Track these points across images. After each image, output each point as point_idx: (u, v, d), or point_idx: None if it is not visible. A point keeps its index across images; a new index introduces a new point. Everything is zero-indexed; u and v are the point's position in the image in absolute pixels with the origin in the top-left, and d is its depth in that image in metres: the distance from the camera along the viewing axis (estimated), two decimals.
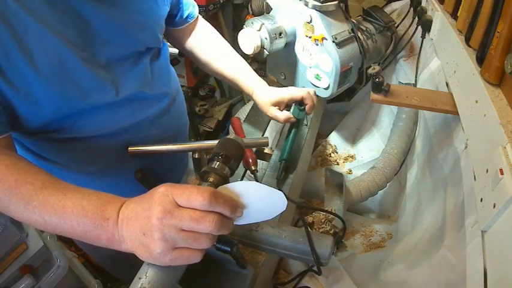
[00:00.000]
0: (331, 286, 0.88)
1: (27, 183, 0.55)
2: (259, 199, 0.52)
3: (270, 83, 1.35)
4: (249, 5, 1.75)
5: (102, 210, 0.51)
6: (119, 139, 0.79)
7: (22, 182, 0.55)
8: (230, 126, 1.77)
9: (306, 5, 1.07)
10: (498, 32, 0.71)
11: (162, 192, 0.47)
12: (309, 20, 1.08)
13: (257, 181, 0.89)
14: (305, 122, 1.15)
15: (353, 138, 1.56)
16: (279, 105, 0.94)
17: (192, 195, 0.46)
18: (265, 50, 1.12)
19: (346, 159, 1.50)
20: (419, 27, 1.23)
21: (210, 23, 1.09)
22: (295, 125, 1.04)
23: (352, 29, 1.13)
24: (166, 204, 0.46)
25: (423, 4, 1.23)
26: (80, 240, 0.53)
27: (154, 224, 0.46)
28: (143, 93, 0.77)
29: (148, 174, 0.83)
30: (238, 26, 2.11)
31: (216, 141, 0.66)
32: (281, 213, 0.53)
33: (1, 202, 0.55)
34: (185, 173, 1.49)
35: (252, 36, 1.09)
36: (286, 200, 0.52)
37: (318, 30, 1.08)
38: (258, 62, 1.97)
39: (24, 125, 0.68)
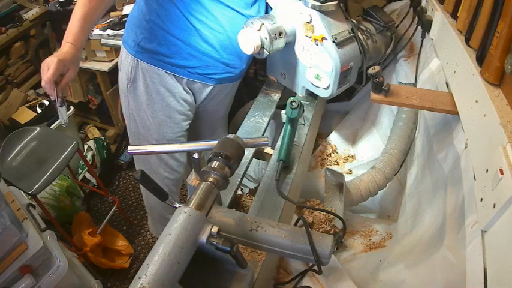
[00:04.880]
0: (331, 286, 0.88)
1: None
2: None
3: (270, 83, 1.36)
4: None
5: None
6: None
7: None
8: (229, 126, 1.77)
9: (306, 5, 1.07)
10: (498, 32, 0.71)
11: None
12: (308, 20, 1.08)
13: None
14: (302, 121, 1.15)
15: (353, 138, 1.56)
16: None
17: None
18: (265, 50, 1.12)
19: (346, 159, 1.50)
20: (419, 27, 1.23)
21: None
22: (289, 124, 1.05)
23: (352, 29, 1.13)
24: None
25: (423, 4, 1.23)
26: None
27: None
28: None
29: (148, 176, 0.83)
30: None
31: (216, 141, 0.66)
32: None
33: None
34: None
35: (252, 36, 1.09)
36: None
37: (317, 30, 1.08)
38: (258, 62, 1.97)
39: None
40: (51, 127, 2.14)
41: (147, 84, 1.24)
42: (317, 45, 1.10)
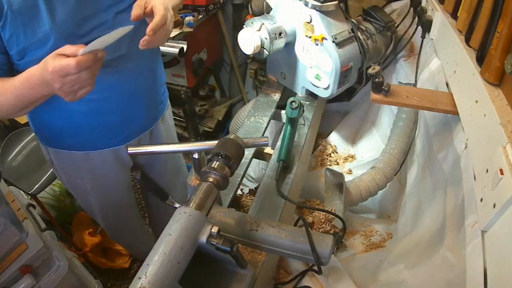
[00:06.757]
0: (331, 286, 0.88)
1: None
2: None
3: (270, 83, 1.36)
4: (249, 5, 1.75)
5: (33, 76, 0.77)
6: None
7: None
8: (230, 126, 1.77)
9: (306, 5, 1.07)
10: (498, 32, 0.71)
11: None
12: (308, 20, 1.08)
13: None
14: (302, 121, 1.15)
15: (353, 138, 1.56)
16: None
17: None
18: (265, 50, 1.12)
19: (346, 159, 1.50)
20: (419, 27, 1.23)
21: (210, 23, 1.09)
22: (289, 124, 1.05)
23: (352, 29, 1.13)
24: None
25: (423, 4, 1.23)
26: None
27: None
28: None
29: (148, 175, 0.83)
30: (238, 26, 2.11)
31: (216, 141, 0.66)
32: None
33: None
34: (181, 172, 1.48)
35: (252, 36, 1.09)
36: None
37: (317, 30, 1.08)
38: (258, 62, 1.97)
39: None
40: None
41: (63, 166, 1.19)
42: (317, 45, 1.10)
